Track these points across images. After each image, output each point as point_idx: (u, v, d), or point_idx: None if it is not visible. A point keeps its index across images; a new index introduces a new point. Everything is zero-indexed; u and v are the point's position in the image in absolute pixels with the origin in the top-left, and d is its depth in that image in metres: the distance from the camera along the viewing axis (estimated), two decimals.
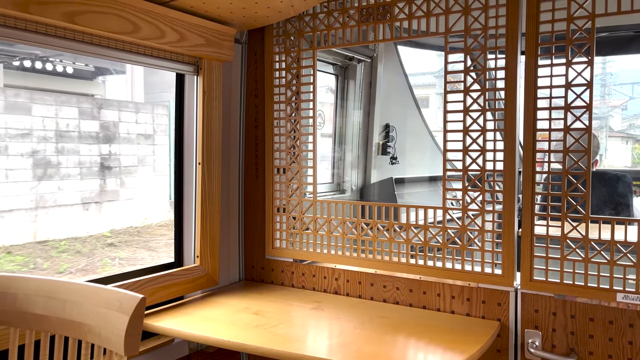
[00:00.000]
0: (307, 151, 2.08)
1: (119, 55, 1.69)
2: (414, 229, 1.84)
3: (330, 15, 1.97)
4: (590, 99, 1.52)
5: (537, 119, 1.61)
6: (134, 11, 1.61)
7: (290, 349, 1.46)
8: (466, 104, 1.72)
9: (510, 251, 1.67)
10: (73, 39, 1.55)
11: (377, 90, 3.15)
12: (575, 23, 1.54)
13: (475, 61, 1.70)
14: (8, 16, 1.38)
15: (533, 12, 1.59)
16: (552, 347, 1.61)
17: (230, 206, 2.20)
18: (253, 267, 2.22)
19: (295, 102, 2.10)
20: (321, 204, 2.05)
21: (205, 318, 1.73)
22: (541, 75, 1.59)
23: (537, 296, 1.63)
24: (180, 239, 2.03)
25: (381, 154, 3.28)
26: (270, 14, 1.92)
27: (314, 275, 2.07)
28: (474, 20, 1.69)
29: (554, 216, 1.60)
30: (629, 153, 10.63)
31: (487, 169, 1.70)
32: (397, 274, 1.88)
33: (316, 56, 2.04)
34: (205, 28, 1.86)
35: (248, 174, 2.23)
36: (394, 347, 1.50)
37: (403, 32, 1.84)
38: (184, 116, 2.01)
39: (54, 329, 1.27)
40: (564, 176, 1.58)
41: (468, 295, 1.74)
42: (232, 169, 2.21)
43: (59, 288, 1.27)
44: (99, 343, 1.20)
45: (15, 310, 1.29)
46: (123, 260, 5.23)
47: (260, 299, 1.94)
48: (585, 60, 1.53)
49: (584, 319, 1.57)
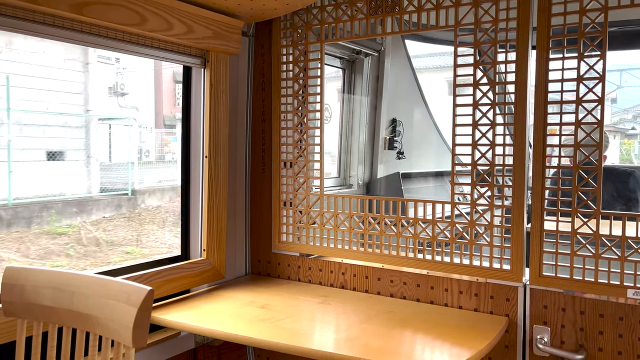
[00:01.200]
0: (314, 145, 2.07)
1: (126, 47, 1.69)
2: (422, 224, 1.83)
3: (338, 7, 1.96)
4: (602, 93, 1.50)
5: (547, 113, 1.59)
6: (142, 3, 1.60)
7: (296, 343, 1.45)
8: (475, 98, 1.70)
9: (519, 246, 1.65)
10: (80, 30, 1.54)
11: (384, 85, 3.13)
12: (587, 16, 1.52)
13: (485, 54, 1.68)
14: (16, 7, 1.37)
15: (545, 4, 1.57)
16: (561, 343, 1.60)
17: (236, 200, 2.19)
18: (259, 261, 2.22)
19: (302, 96, 2.08)
20: (328, 198, 2.04)
21: (211, 311, 1.73)
22: (552, 69, 1.57)
23: (546, 292, 1.61)
24: (187, 233, 2.03)
25: (388, 148, 3.26)
26: (278, 7, 1.90)
27: (321, 269, 2.06)
28: (484, 12, 1.67)
29: (564, 211, 1.59)
30: (617, 149, 10.39)
31: (497, 164, 1.68)
32: (404, 269, 1.87)
33: (324, 49, 2.03)
34: (212, 20, 1.85)
35: (255, 168, 2.22)
36: (402, 342, 1.50)
37: (412, 25, 1.82)
38: (190, 109, 2.00)
39: (62, 321, 1.27)
40: (575, 171, 1.57)
41: (476, 291, 1.73)
42: (239, 162, 2.20)
43: (67, 280, 1.27)
44: (107, 335, 1.20)
45: (23, 302, 1.29)
46: None
47: (266, 292, 1.94)
48: (597, 53, 1.51)
49: (594, 315, 1.55)
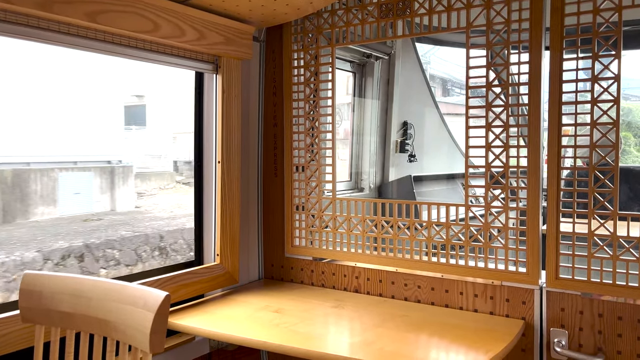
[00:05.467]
0: (325, 149, 2.07)
1: (140, 54, 1.70)
2: (436, 227, 1.82)
3: (349, 11, 1.96)
4: (618, 93, 1.49)
5: (562, 114, 1.58)
6: (154, 10, 1.62)
7: (311, 347, 1.45)
8: (488, 100, 1.69)
9: (534, 249, 1.64)
10: (95, 38, 1.56)
11: (395, 88, 3.12)
12: (601, 15, 1.50)
13: (497, 55, 1.67)
14: (31, 16, 1.39)
15: (558, 4, 1.56)
16: (579, 347, 1.58)
17: (249, 204, 2.20)
18: (272, 265, 2.22)
19: (313, 100, 2.09)
20: (340, 202, 2.03)
21: (226, 316, 1.73)
22: (566, 69, 1.56)
23: (563, 294, 1.60)
24: (201, 238, 2.04)
25: (399, 151, 3.25)
26: (288, 12, 1.91)
27: (334, 273, 2.05)
28: (497, 14, 1.66)
29: (580, 213, 1.57)
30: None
31: (511, 166, 1.67)
32: (418, 272, 1.86)
33: (335, 53, 2.03)
34: (224, 26, 1.86)
35: (267, 172, 2.22)
36: (417, 346, 1.49)
37: (423, 28, 1.82)
38: (203, 115, 2.01)
39: (79, 327, 1.28)
40: (591, 172, 1.55)
41: (491, 294, 1.72)
42: (252, 167, 2.20)
43: (84, 286, 1.27)
44: (124, 340, 1.20)
45: (40, 308, 1.30)
46: None
47: (280, 297, 1.94)
48: (612, 53, 1.49)
49: (612, 318, 1.53)
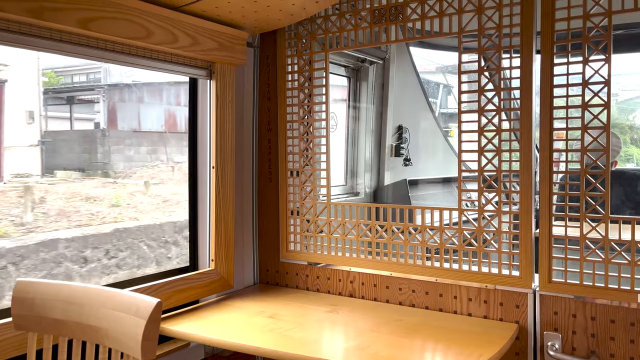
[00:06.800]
0: (320, 154, 2.07)
1: (133, 60, 1.70)
2: (430, 231, 1.82)
3: (342, 17, 1.97)
4: (608, 97, 1.50)
5: (553, 118, 1.59)
6: (147, 16, 1.62)
7: (306, 353, 1.45)
8: (481, 104, 1.70)
9: (527, 252, 1.64)
10: (87, 45, 1.56)
11: (390, 92, 3.13)
12: (591, 20, 1.52)
13: (489, 60, 1.68)
14: (22, 23, 1.39)
15: (548, 9, 1.57)
16: (573, 350, 1.59)
17: (244, 209, 2.20)
18: (267, 270, 2.22)
19: (308, 105, 2.09)
20: (335, 207, 2.04)
21: (220, 322, 1.73)
22: (557, 74, 1.57)
23: (556, 298, 1.60)
24: (195, 243, 2.04)
25: (394, 155, 3.26)
26: (282, 17, 1.92)
27: (329, 278, 2.06)
28: (488, 19, 1.68)
29: (572, 216, 1.58)
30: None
31: (504, 170, 1.68)
32: (412, 277, 1.86)
33: (328, 58, 2.03)
34: (217, 32, 1.86)
35: (261, 177, 2.23)
36: (411, 350, 1.49)
37: (416, 32, 1.83)
38: (197, 120, 2.02)
39: (71, 334, 1.27)
40: (582, 176, 1.56)
41: (485, 298, 1.72)
42: (246, 172, 2.21)
43: (76, 293, 1.27)
44: (116, 347, 1.20)
45: (33, 315, 1.30)
46: None
47: (275, 302, 1.94)
48: (602, 57, 1.51)
49: (605, 321, 1.54)
